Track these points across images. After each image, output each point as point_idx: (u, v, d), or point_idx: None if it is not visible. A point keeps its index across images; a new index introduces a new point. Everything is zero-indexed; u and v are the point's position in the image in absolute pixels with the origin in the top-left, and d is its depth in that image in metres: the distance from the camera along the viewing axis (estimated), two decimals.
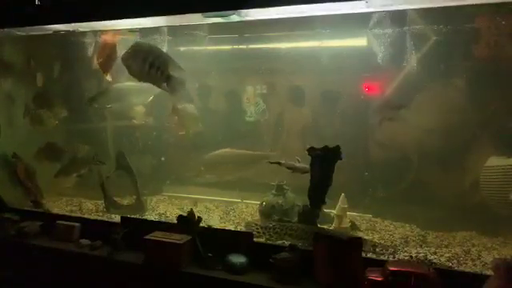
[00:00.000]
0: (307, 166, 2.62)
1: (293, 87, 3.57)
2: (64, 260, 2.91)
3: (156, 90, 2.97)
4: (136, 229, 2.82)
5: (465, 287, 2.14)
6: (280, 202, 2.93)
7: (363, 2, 2.36)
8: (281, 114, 3.66)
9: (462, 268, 2.32)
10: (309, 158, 2.58)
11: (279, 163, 2.86)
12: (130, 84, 3.38)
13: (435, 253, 2.47)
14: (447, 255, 2.43)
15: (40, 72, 3.89)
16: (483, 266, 2.34)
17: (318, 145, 2.53)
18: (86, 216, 3.30)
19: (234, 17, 2.68)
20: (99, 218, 3.26)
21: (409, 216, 3.02)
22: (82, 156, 3.46)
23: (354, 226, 2.89)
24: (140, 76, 2.72)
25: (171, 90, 2.73)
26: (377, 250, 2.52)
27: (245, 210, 3.43)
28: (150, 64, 2.63)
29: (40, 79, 3.88)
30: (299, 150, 2.76)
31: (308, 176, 2.61)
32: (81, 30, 3.30)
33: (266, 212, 2.94)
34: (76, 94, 3.93)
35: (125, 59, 2.69)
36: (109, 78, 3.44)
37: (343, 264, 2.26)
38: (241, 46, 3.62)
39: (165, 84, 2.71)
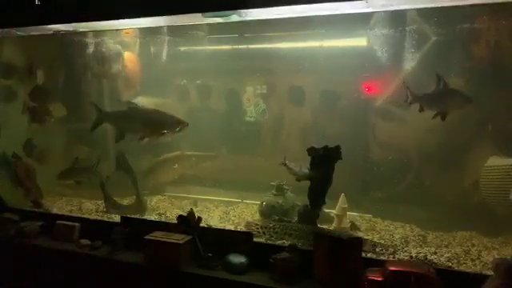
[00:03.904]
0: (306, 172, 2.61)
1: (293, 87, 3.57)
2: (64, 260, 2.91)
3: None
4: (136, 229, 2.82)
5: (465, 287, 2.14)
6: (280, 201, 2.93)
7: (363, 2, 2.36)
8: (280, 114, 3.65)
9: (461, 268, 2.32)
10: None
11: (285, 164, 2.85)
12: None
13: (435, 253, 2.47)
14: (447, 255, 2.42)
15: (40, 70, 3.90)
16: (483, 265, 2.33)
17: (319, 145, 2.53)
18: (85, 216, 3.30)
19: (234, 17, 2.68)
20: (99, 218, 3.26)
21: (409, 216, 3.02)
22: (84, 164, 3.47)
23: (353, 226, 2.89)
24: None
25: None
26: (377, 249, 2.52)
27: (245, 210, 3.43)
28: None
29: (40, 77, 3.88)
30: (299, 150, 2.75)
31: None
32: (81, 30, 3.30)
33: (266, 212, 2.94)
34: (76, 93, 3.94)
35: None
36: None
37: (343, 264, 2.26)
38: (240, 46, 3.61)
39: None
